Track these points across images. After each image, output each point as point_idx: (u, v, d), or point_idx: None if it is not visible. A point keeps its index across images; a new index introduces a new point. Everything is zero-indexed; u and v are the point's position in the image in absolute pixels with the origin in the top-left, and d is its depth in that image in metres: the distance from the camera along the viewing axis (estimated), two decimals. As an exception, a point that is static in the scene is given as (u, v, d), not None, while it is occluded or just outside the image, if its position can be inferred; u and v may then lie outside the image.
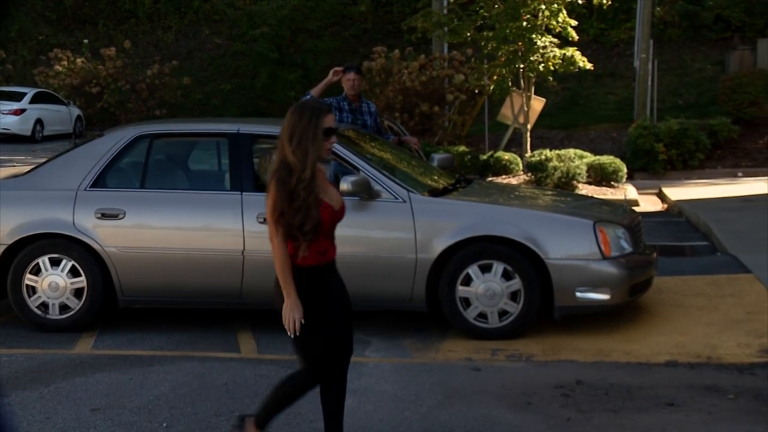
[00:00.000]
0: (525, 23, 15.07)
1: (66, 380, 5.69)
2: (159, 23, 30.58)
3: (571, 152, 15.39)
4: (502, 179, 15.45)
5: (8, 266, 6.82)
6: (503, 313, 6.43)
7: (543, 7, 15.16)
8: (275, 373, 5.75)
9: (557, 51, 15.28)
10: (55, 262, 6.79)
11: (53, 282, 6.77)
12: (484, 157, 16.19)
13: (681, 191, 14.46)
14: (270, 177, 6.75)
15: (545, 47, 15.23)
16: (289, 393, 4.23)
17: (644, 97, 19.29)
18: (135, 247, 6.72)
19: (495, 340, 6.38)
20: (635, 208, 10.96)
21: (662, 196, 14.43)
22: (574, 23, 15.66)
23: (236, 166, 6.81)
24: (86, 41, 27.70)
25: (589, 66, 15.78)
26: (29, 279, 6.79)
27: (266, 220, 6.52)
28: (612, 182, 15.06)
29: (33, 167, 7.51)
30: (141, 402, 5.29)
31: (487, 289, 6.39)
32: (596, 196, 12.28)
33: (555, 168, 14.56)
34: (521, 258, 6.38)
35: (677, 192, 14.34)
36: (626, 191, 14.34)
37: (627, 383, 5.49)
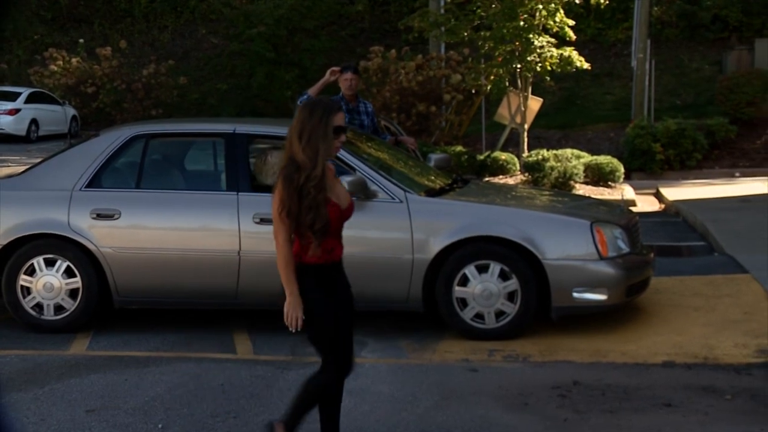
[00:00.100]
0: (522, 23, 15.06)
1: (61, 381, 5.67)
2: (155, 22, 30.53)
3: (569, 152, 15.37)
4: (499, 179, 15.43)
5: (2, 267, 6.80)
6: (500, 314, 6.42)
7: (540, 7, 15.15)
8: (271, 374, 5.74)
9: (554, 51, 15.27)
10: (50, 263, 6.76)
11: (48, 282, 6.75)
12: (481, 157, 16.18)
13: (678, 191, 14.46)
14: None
15: (542, 47, 15.23)
16: (314, 392, 4.19)
17: (641, 97, 19.29)
18: (130, 248, 6.70)
19: (492, 341, 6.37)
20: (632, 209, 10.95)
21: (659, 197, 14.42)
22: (572, 23, 15.66)
23: (232, 166, 6.79)
24: (82, 41, 27.64)
25: (587, 66, 15.78)
26: (24, 280, 6.77)
27: (263, 221, 6.59)
28: (609, 182, 15.05)
29: (28, 167, 7.49)
30: (136, 403, 5.27)
31: (484, 290, 6.38)
32: (593, 197, 12.28)
33: (552, 168, 14.54)
34: (518, 258, 6.36)
35: (674, 192, 14.33)
36: (623, 191, 14.33)
37: (624, 384, 5.48)
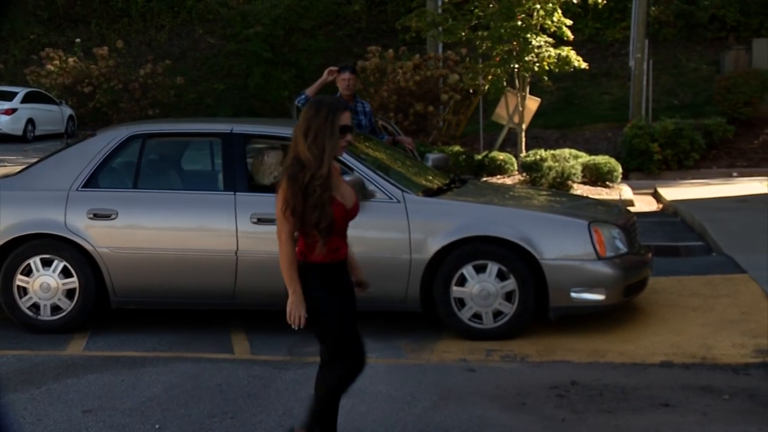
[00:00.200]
0: (520, 23, 15.05)
1: (57, 382, 5.65)
2: (152, 22, 30.49)
3: (566, 152, 15.37)
4: (497, 179, 15.42)
5: (-1, 267, 6.79)
6: (498, 314, 6.41)
7: (538, 7, 15.14)
8: (269, 374, 5.73)
9: (552, 50, 15.26)
10: (47, 263, 6.75)
11: (45, 283, 6.73)
12: (479, 157, 16.17)
13: (676, 191, 14.46)
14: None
15: (540, 47, 15.22)
16: (329, 390, 4.16)
17: (639, 97, 19.29)
18: (127, 248, 6.68)
19: (490, 341, 6.36)
20: (630, 209, 10.95)
21: (657, 196, 14.42)
22: (569, 23, 15.65)
23: (229, 166, 6.78)
24: (78, 40, 27.57)
25: (584, 65, 15.77)
26: (20, 280, 6.75)
27: (260, 221, 6.58)
28: (607, 182, 15.05)
29: (24, 167, 7.47)
30: (133, 403, 5.25)
31: (482, 290, 6.37)
32: (591, 196, 12.27)
33: (550, 168, 14.54)
34: (516, 258, 6.36)
35: (672, 192, 14.33)
36: (621, 191, 14.32)
37: (622, 384, 5.47)
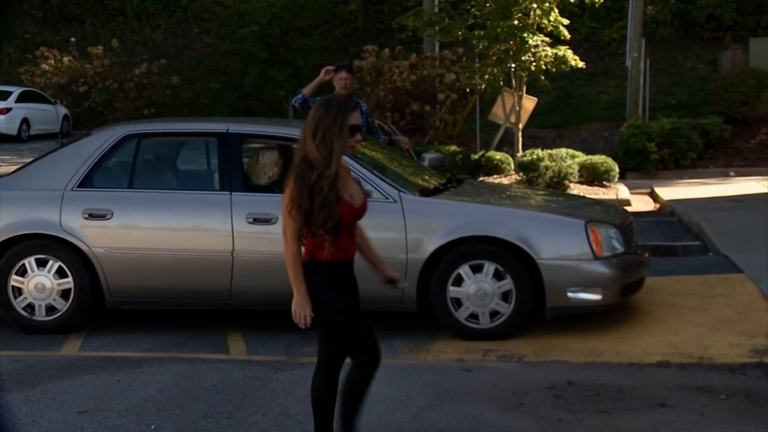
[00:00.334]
0: (516, 22, 15.03)
1: (52, 382, 5.63)
2: (147, 21, 30.43)
3: (563, 152, 15.36)
4: (494, 179, 15.41)
5: (-6, 267, 6.76)
6: (494, 314, 6.40)
7: (534, 6, 15.12)
8: (265, 375, 5.72)
9: (549, 50, 15.24)
10: (42, 263, 6.72)
11: (40, 283, 6.71)
12: (476, 157, 16.15)
13: (673, 191, 14.45)
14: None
15: (537, 46, 15.20)
16: (359, 388, 4.15)
17: (636, 97, 19.28)
18: (123, 248, 6.66)
19: (486, 341, 6.35)
20: (627, 208, 10.95)
21: (654, 196, 14.42)
22: (566, 22, 15.63)
23: (225, 166, 6.77)
24: (73, 39, 27.52)
25: (581, 65, 15.75)
26: (15, 280, 6.73)
27: (256, 220, 6.56)
28: (604, 182, 15.04)
29: (19, 167, 7.45)
30: (129, 404, 5.24)
31: (479, 290, 6.36)
32: (588, 196, 12.26)
33: (547, 168, 14.53)
34: (512, 258, 6.34)
35: (669, 192, 14.33)
36: (618, 191, 14.32)
37: (619, 384, 5.47)
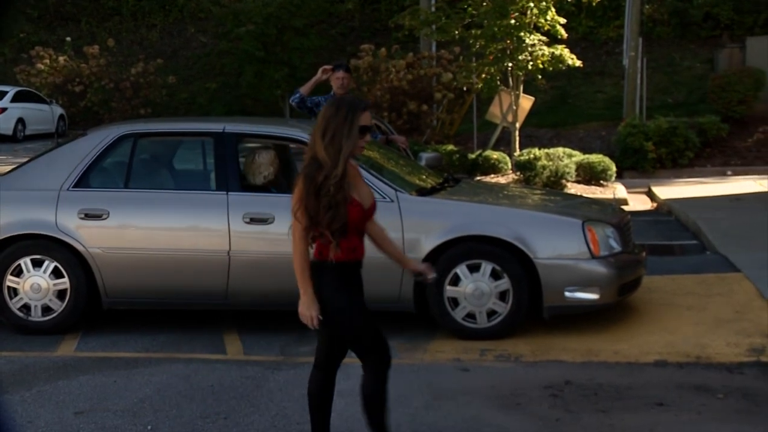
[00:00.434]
0: (513, 21, 15.02)
1: (49, 383, 5.62)
2: (143, 21, 30.39)
3: (560, 151, 15.34)
4: (491, 178, 15.40)
5: (-10, 268, 6.74)
6: (492, 313, 6.39)
7: (531, 5, 15.11)
8: (261, 375, 5.70)
9: (546, 49, 15.24)
10: (38, 263, 6.71)
11: (35, 283, 6.69)
12: (473, 156, 16.14)
13: (670, 190, 14.45)
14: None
15: (534, 45, 15.19)
16: (376, 387, 4.21)
17: (633, 96, 19.27)
18: (119, 248, 6.64)
19: (483, 341, 6.34)
20: (624, 207, 10.93)
21: (651, 195, 14.41)
22: (563, 21, 15.62)
23: (222, 166, 6.75)
24: (69, 39, 27.45)
25: (578, 64, 15.75)
26: (10, 280, 6.71)
27: (252, 220, 6.55)
28: (601, 181, 15.03)
29: (14, 167, 7.43)
30: (125, 405, 5.23)
31: (476, 289, 6.35)
32: (585, 195, 12.26)
33: (544, 167, 14.52)
34: (510, 257, 6.33)
35: (666, 191, 14.33)
36: (615, 190, 14.31)
37: (616, 383, 5.46)
